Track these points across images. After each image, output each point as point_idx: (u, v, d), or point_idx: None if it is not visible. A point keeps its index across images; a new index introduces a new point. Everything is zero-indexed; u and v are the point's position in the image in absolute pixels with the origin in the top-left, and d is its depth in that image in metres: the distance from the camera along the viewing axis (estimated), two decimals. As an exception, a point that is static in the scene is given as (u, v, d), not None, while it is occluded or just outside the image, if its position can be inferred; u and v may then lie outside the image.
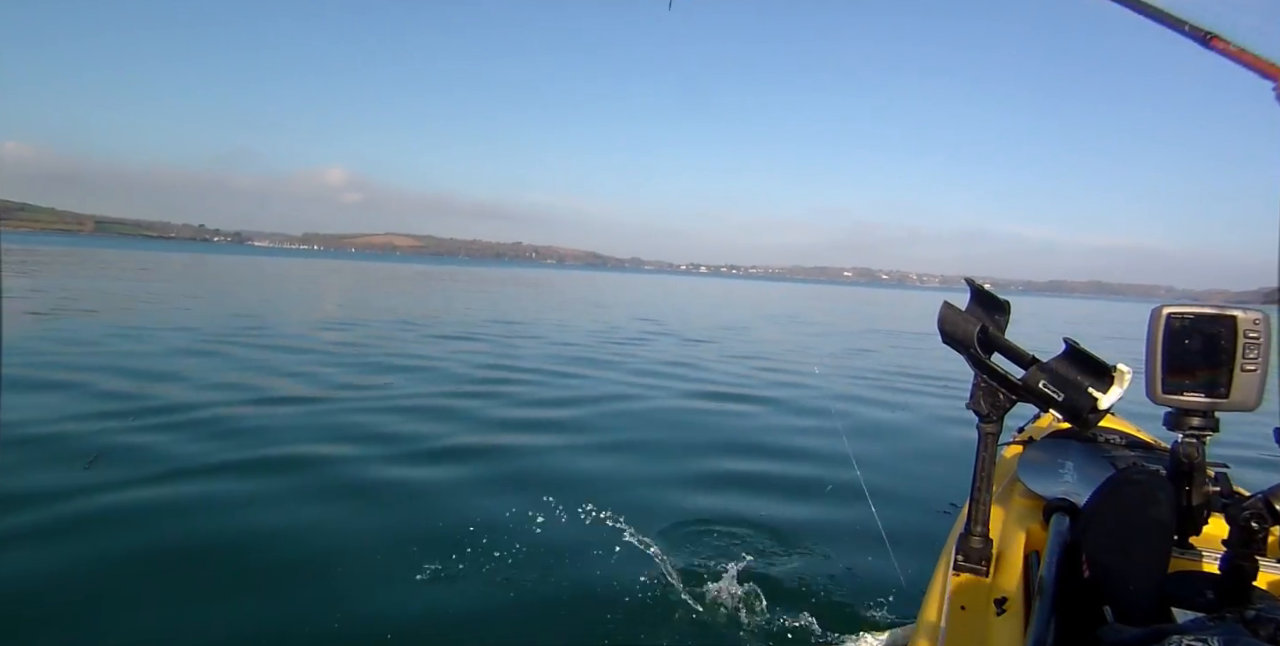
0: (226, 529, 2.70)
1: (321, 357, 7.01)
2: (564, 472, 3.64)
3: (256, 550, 2.55)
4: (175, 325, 8.69)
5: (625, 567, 2.49)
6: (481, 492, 3.26)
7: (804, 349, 11.19)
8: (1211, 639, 0.66)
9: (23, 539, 2.52)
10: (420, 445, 3.99)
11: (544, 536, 2.70)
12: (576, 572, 2.47)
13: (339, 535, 2.72)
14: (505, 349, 8.50)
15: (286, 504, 3.00)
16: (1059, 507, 1.26)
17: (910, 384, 7.71)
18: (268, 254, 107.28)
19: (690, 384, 6.74)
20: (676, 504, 3.23)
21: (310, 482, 3.27)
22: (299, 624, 2.08)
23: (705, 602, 2.29)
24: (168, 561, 2.43)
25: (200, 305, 12.39)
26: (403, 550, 2.57)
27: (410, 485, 3.30)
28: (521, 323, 12.18)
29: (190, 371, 5.75)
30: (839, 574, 2.58)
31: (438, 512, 2.96)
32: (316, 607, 2.17)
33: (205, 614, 2.13)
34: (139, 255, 39.90)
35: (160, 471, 3.26)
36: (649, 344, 10.14)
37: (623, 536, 2.55)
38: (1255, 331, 1.02)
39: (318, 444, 3.88)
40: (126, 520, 2.72)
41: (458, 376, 6.37)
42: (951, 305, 1.20)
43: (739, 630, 2.15)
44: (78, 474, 3.17)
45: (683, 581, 2.39)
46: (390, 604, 2.21)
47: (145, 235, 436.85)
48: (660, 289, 41.78)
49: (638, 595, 2.34)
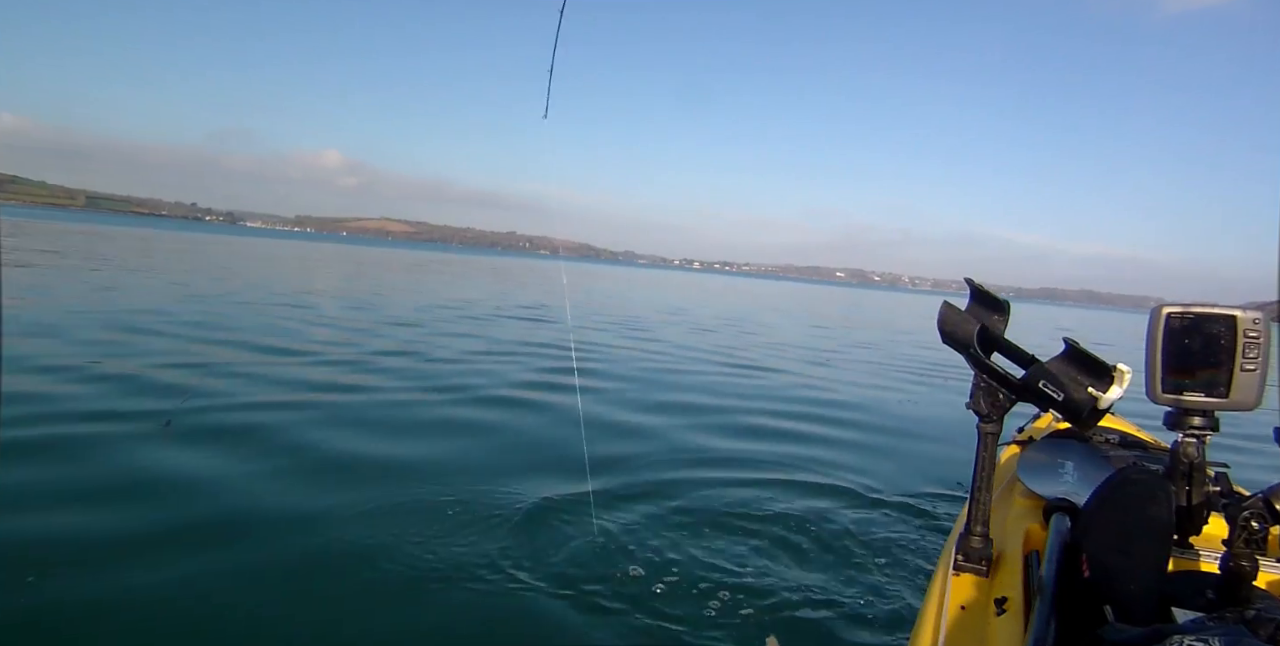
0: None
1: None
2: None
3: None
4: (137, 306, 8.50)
5: (612, 557, 2.50)
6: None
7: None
8: (1213, 639, 0.66)
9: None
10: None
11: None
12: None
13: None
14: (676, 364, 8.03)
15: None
16: (1059, 507, 1.26)
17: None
18: (259, 235, 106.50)
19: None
20: (674, 499, 3.23)
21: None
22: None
23: (702, 602, 2.29)
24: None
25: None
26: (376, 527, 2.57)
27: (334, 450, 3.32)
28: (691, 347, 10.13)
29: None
30: (839, 573, 2.58)
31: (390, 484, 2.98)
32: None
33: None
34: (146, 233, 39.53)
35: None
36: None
37: (608, 525, 2.55)
38: (1255, 331, 1.02)
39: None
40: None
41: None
42: (951, 305, 1.20)
43: (738, 630, 2.15)
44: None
45: (678, 579, 2.39)
46: (390, 604, 2.21)
47: (136, 212, 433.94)
48: (694, 286, 41.38)
49: (626, 590, 2.33)
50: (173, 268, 16.87)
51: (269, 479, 3.20)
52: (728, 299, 29.23)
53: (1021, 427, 2.19)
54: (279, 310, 9.73)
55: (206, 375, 5.20)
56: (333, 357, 6.44)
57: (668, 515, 3.05)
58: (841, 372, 8.51)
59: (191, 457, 3.39)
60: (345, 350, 6.92)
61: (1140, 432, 1.98)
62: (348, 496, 3.01)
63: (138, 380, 4.90)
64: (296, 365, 5.97)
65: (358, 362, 6.31)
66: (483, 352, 7.42)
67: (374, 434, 4.04)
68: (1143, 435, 1.94)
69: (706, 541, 2.78)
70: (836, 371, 8.59)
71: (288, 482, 3.17)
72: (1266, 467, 4.12)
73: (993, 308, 1.29)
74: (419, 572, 2.38)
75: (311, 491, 3.07)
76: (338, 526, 2.71)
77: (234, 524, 2.68)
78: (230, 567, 2.35)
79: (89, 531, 2.52)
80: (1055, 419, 1.93)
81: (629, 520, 2.93)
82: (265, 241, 57.69)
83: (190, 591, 2.19)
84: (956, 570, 1.20)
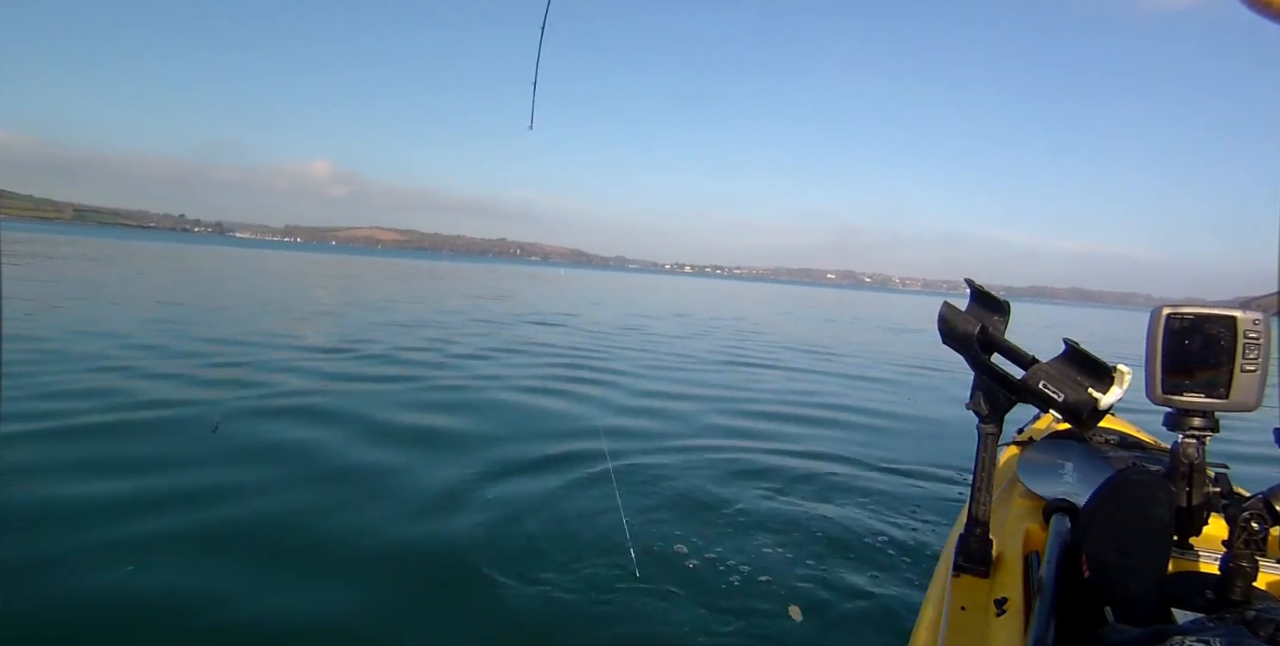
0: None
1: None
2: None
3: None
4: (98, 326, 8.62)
5: (603, 548, 2.50)
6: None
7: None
8: (1214, 640, 0.66)
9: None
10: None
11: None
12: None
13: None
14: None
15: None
16: (1059, 508, 1.26)
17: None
18: (247, 246, 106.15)
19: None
20: (670, 494, 3.23)
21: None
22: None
23: (702, 600, 2.29)
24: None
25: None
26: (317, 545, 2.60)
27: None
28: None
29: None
30: (838, 573, 2.58)
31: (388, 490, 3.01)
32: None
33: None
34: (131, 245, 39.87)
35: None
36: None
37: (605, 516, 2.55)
38: (1255, 331, 1.02)
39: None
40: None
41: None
42: (952, 305, 1.20)
43: (736, 630, 2.15)
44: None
45: (676, 576, 2.39)
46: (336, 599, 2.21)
47: (124, 224, 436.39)
48: (698, 290, 41.72)
49: (620, 586, 2.33)
50: (160, 283, 16.84)
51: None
52: (748, 303, 29.29)
53: (1021, 428, 2.19)
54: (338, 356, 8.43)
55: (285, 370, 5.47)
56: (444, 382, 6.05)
57: (664, 506, 3.05)
58: (849, 371, 8.51)
59: (288, 427, 4.06)
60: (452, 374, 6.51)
61: (1140, 433, 1.98)
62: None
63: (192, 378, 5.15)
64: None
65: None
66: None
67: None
68: (1143, 435, 1.95)
69: (705, 539, 2.78)
70: (838, 368, 8.60)
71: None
72: (1267, 467, 4.12)
73: (993, 308, 1.29)
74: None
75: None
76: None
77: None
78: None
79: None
80: (1055, 419, 1.93)
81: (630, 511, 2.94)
82: (254, 252, 57.61)
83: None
84: (956, 570, 1.20)
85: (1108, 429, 1.89)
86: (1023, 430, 2.16)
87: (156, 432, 3.84)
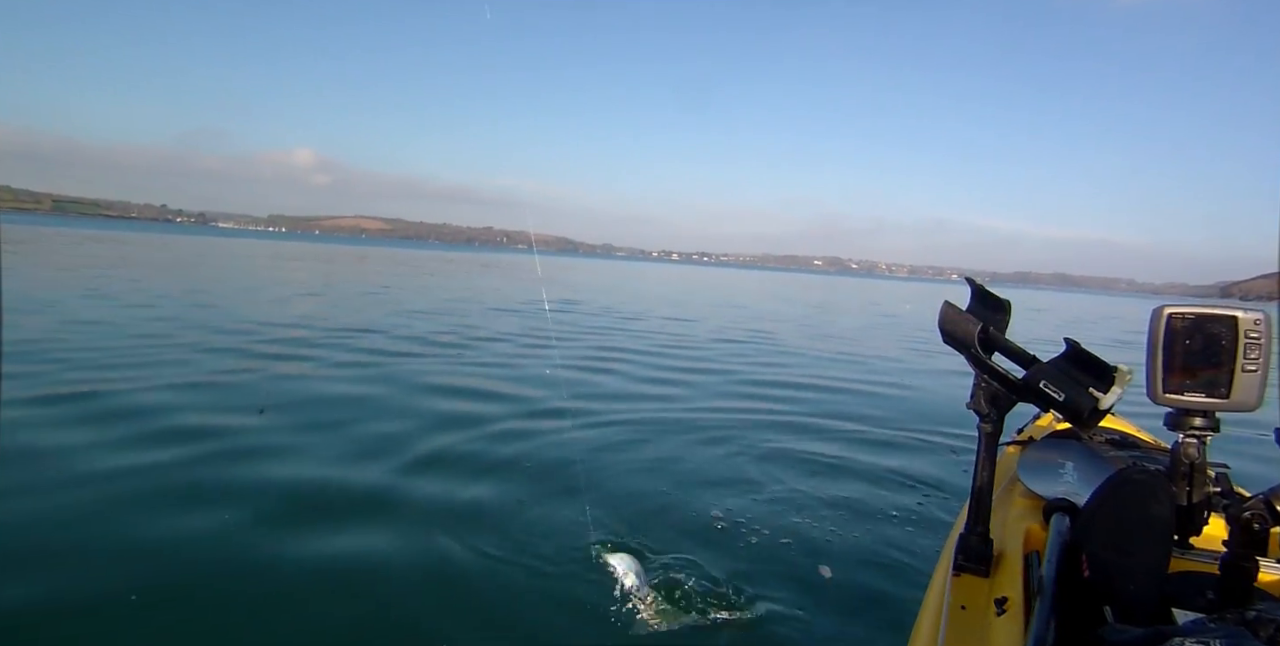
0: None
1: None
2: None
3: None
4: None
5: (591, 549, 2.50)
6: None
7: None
8: (1214, 641, 0.66)
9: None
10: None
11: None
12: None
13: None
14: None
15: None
16: (1059, 507, 1.26)
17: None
18: (231, 235, 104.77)
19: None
20: (665, 493, 3.23)
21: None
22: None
23: (701, 600, 2.29)
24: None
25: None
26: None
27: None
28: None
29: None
30: (838, 573, 2.58)
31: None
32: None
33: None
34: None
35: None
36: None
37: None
38: (1256, 331, 1.02)
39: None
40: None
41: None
42: (952, 305, 1.20)
43: (735, 630, 2.15)
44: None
45: (674, 578, 2.39)
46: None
47: (105, 215, 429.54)
48: (694, 279, 41.65)
49: (615, 590, 2.33)
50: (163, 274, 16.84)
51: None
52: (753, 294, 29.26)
53: (1021, 428, 2.19)
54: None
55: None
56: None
57: (662, 505, 3.05)
58: (849, 364, 8.50)
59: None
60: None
61: (1140, 433, 1.98)
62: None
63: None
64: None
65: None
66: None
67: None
68: (1143, 435, 1.94)
69: (702, 536, 2.78)
70: (840, 365, 8.59)
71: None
72: (1267, 467, 4.11)
73: (994, 308, 1.29)
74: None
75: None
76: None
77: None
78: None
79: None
80: (1055, 419, 1.93)
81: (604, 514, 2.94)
82: (239, 242, 56.94)
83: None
84: (956, 570, 1.20)
85: (1108, 428, 1.89)
86: (1023, 430, 2.16)
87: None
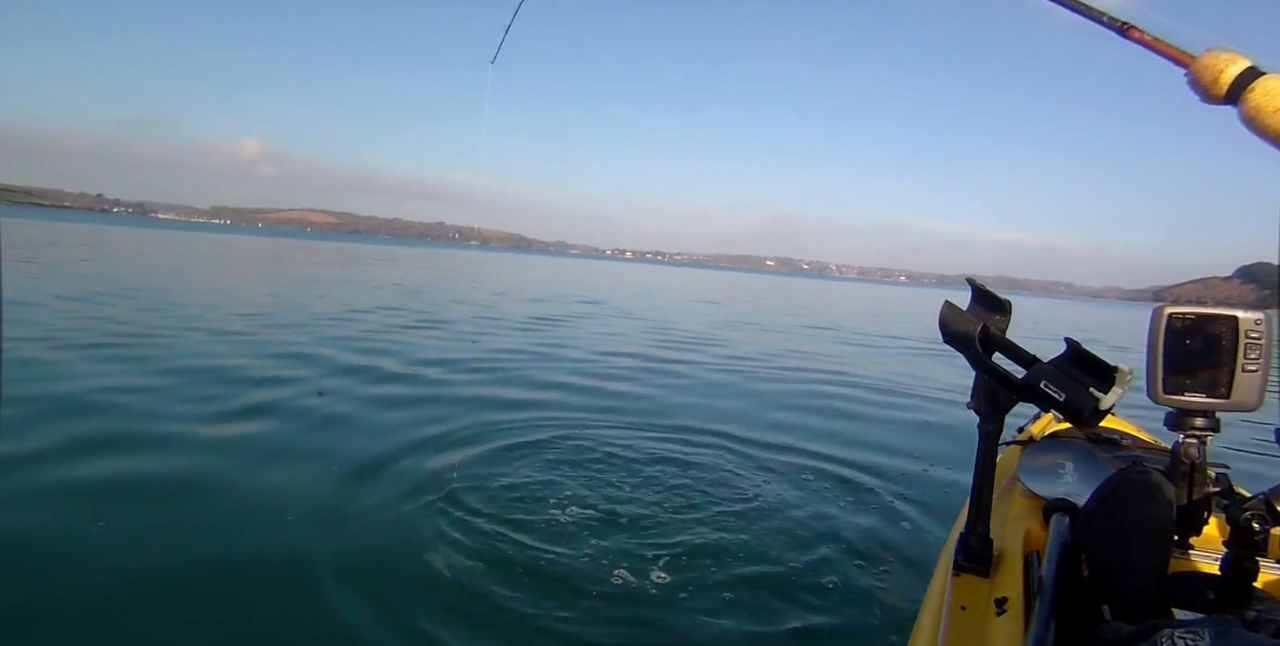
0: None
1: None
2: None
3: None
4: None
5: (585, 552, 2.50)
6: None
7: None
8: (1203, 631, 0.66)
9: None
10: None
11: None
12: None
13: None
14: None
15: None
16: (1059, 507, 1.26)
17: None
18: (170, 227, 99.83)
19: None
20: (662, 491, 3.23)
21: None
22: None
23: (701, 598, 2.29)
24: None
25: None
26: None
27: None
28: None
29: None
30: (838, 572, 2.58)
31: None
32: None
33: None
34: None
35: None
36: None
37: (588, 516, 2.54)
38: (1256, 332, 1.02)
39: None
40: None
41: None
42: (953, 305, 1.20)
43: (735, 631, 2.15)
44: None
45: (674, 579, 2.39)
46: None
47: (37, 204, 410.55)
48: (656, 277, 41.87)
49: (610, 585, 2.34)
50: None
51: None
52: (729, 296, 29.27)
53: (1021, 427, 2.19)
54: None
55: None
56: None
57: (660, 503, 3.05)
58: (847, 364, 8.51)
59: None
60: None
61: (1140, 433, 1.98)
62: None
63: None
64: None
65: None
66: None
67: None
68: (1143, 435, 1.95)
69: (702, 535, 2.78)
70: (840, 362, 8.60)
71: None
72: (1267, 467, 4.12)
73: (994, 308, 1.29)
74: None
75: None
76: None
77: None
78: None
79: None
80: (1055, 419, 1.93)
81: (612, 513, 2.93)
82: (180, 235, 53.08)
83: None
84: (956, 570, 1.20)
85: (1108, 428, 1.89)
86: (1023, 429, 2.16)
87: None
